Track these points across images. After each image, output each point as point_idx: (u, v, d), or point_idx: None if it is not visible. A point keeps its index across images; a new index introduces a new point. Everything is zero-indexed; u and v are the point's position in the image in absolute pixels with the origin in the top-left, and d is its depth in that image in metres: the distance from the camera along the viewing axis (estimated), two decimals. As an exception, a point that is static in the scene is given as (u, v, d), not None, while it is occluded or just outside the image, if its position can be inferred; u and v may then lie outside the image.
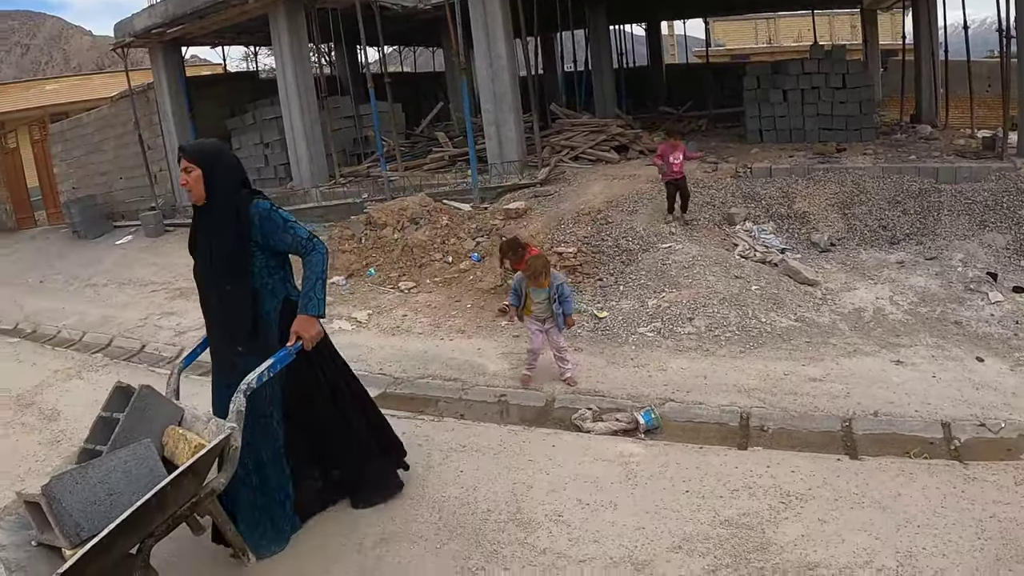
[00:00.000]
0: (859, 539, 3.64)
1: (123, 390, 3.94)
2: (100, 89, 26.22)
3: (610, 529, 3.88)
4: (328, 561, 3.90)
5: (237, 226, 3.83)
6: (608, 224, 8.84)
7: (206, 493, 3.48)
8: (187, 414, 3.87)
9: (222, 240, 3.86)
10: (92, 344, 9.43)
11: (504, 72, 11.02)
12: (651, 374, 5.90)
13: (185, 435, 3.68)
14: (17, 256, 18.09)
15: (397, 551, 3.91)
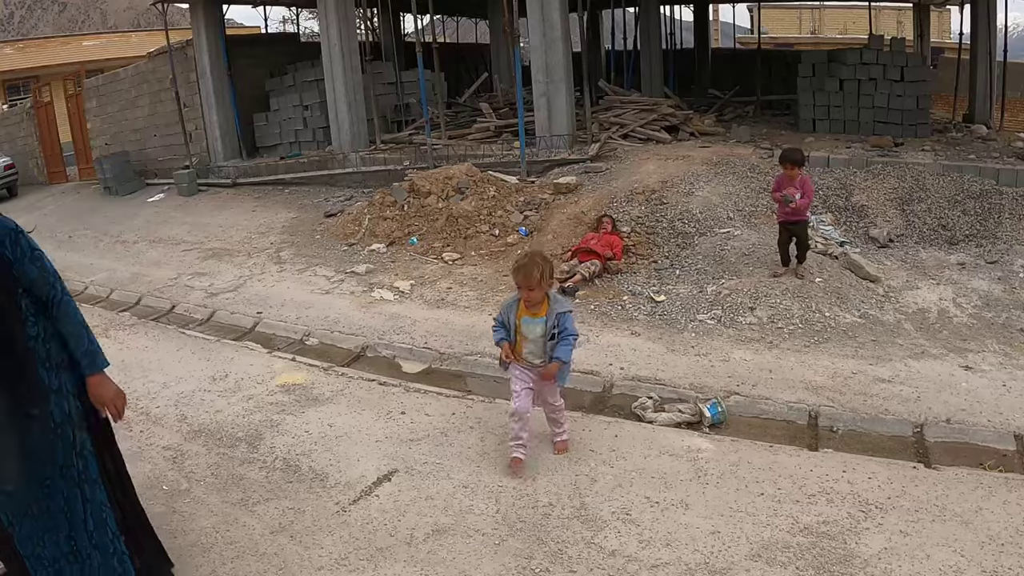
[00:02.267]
0: (943, 555, 3.41)
1: None
2: (138, 47, 26.14)
3: (683, 532, 3.60)
4: (376, 552, 3.64)
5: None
6: (663, 205, 8.55)
7: None
8: None
9: None
10: (119, 302, 9.26)
11: (558, 42, 10.71)
12: (713, 364, 5.63)
13: None
14: (48, 211, 18.02)
15: (451, 545, 3.64)
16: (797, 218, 6.81)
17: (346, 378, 5.94)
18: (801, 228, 6.88)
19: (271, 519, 3.98)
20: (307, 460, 4.62)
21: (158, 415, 5.51)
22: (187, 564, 3.63)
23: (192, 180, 15.68)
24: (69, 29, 44.93)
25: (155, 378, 6.31)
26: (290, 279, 9.03)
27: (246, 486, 4.35)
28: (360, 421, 5.12)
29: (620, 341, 6.15)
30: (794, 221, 6.83)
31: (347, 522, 3.90)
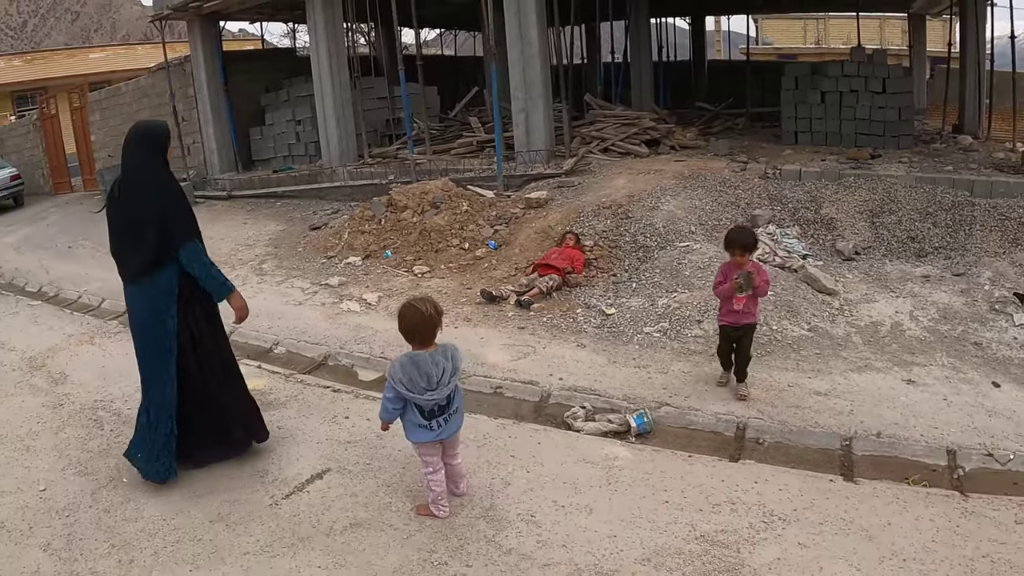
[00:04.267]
0: (837, 568, 3.51)
1: None
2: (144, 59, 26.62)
3: (581, 535, 3.79)
4: (297, 541, 3.96)
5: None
6: (628, 219, 8.72)
7: None
8: None
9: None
10: (109, 311, 9.53)
11: (535, 60, 10.92)
12: (651, 376, 5.79)
13: None
14: (51, 221, 18.39)
15: (364, 538, 3.94)
16: (747, 321, 5.37)
17: (303, 384, 6.25)
18: (748, 334, 5.43)
19: (212, 510, 4.34)
20: (252, 459, 4.91)
21: (128, 416, 5.72)
22: (134, 547, 4.07)
23: (189, 192, 15.97)
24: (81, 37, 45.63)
25: (130, 383, 6.34)
26: (268, 291, 9.28)
27: (194, 481, 4.67)
28: (306, 424, 5.44)
29: (565, 353, 6.32)
30: (742, 325, 5.37)
31: (277, 514, 4.24)
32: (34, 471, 5.20)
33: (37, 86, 30.93)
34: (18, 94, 32.66)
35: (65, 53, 33.27)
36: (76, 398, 6.43)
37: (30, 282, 12.12)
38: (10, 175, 23.26)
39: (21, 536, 4.39)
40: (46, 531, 4.39)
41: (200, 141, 16.89)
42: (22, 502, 4.78)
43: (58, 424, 5.91)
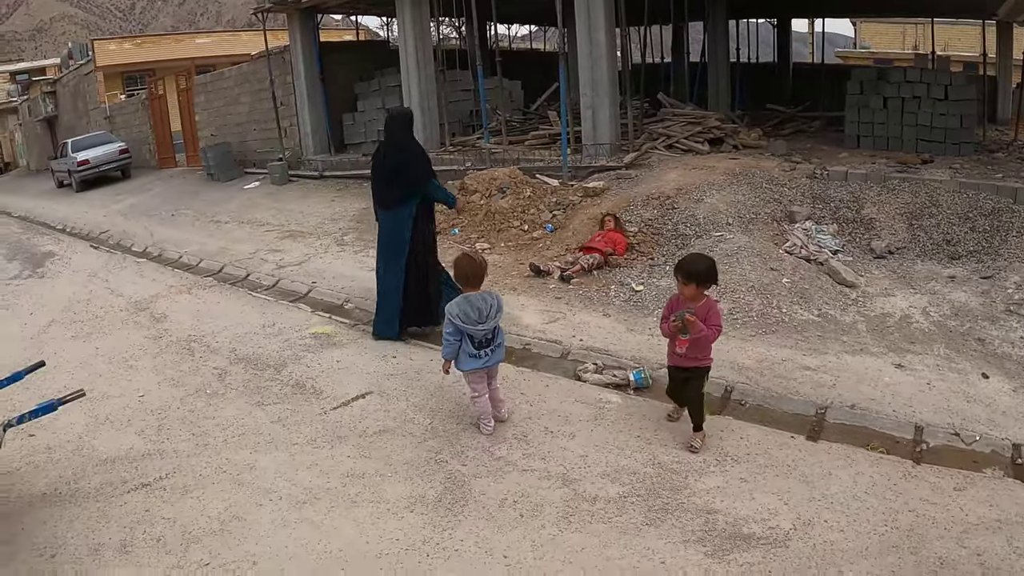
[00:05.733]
0: (767, 500, 4.11)
1: None
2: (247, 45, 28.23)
3: (559, 453, 4.69)
4: (336, 439, 5.15)
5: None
6: (673, 210, 9.43)
7: None
8: None
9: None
10: (205, 269, 10.89)
11: (602, 60, 11.67)
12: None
13: None
14: (155, 192, 20.14)
15: (389, 441, 5.06)
16: (693, 363, 4.81)
17: (363, 333, 7.40)
18: (695, 378, 4.83)
19: (273, 415, 5.64)
20: (312, 382, 6.24)
21: (216, 346, 7.34)
22: (208, 436, 5.38)
23: (284, 171, 17.34)
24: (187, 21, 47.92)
25: (220, 323, 8.10)
26: (346, 258, 10.45)
27: (264, 394, 6.05)
28: (361, 360, 6.66)
29: (591, 320, 7.15)
30: (687, 367, 4.83)
31: (324, 420, 5.50)
32: (135, 383, 6.67)
33: (146, 68, 33.09)
34: (128, 75, 34.83)
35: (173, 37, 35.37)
36: (173, 333, 7.84)
37: (136, 243, 13.66)
38: (119, 149, 25.41)
39: (122, 425, 5.81)
40: (141, 423, 5.79)
41: (296, 124, 18.22)
42: (124, 403, 6.22)
43: (157, 351, 7.36)
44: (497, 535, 4.02)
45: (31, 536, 4.56)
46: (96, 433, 5.78)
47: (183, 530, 4.39)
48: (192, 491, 4.80)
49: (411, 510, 4.28)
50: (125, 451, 5.41)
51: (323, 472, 4.82)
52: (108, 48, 33.44)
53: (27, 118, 44.75)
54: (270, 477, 4.83)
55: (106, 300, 9.97)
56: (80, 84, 35.14)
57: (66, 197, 24.27)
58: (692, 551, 3.77)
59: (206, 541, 4.26)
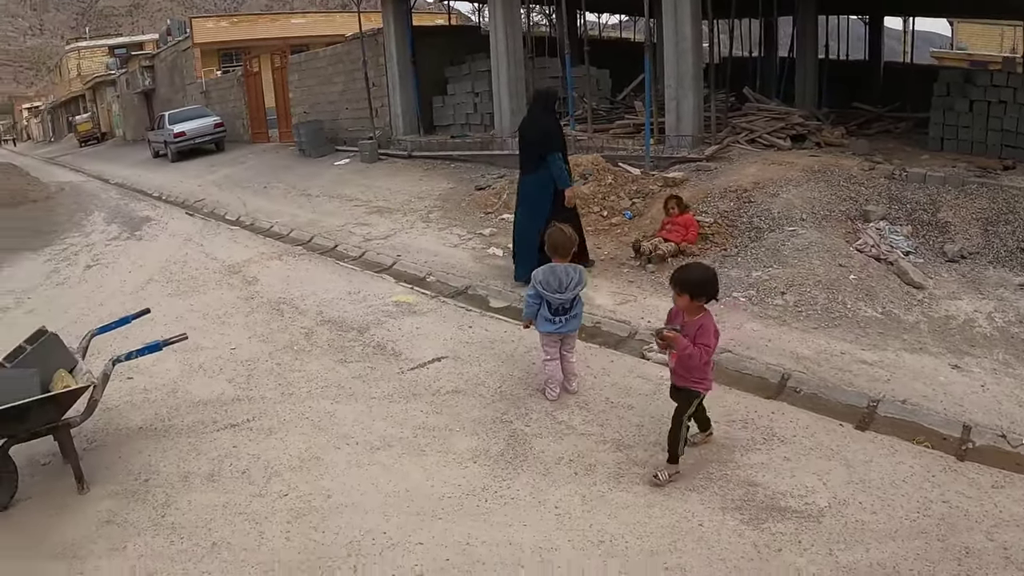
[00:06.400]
0: (807, 479, 4.32)
1: (40, 332, 5.51)
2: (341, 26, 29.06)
3: (616, 421, 5.05)
4: (410, 395, 5.69)
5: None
6: (749, 203, 9.59)
7: (64, 423, 4.89)
8: (80, 365, 5.36)
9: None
10: (295, 239, 11.56)
11: (688, 53, 11.81)
12: (725, 329, 6.58)
13: (65, 378, 5.16)
14: (249, 165, 21.04)
15: (460, 400, 5.55)
16: (681, 382, 4.56)
17: (443, 303, 7.95)
18: (681, 400, 4.54)
19: (355, 371, 6.22)
20: (392, 344, 6.82)
21: (304, 308, 8.04)
22: (293, 386, 5.99)
23: (374, 150, 17.92)
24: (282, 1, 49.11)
25: (308, 289, 8.78)
26: (430, 234, 10.92)
27: (347, 353, 6.64)
28: (439, 328, 7.19)
29: (660, 304, 7.38)
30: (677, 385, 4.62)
31: (401, 379, 6.07)
32: (227, 337, 7.38)
33: (242, 46, 34.20)
34: (224, 52, 36.24)
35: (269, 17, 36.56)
36: (263, 295, 8.52)
37: (229, 212, 14.45)
38: (214, 123, 26.52)
39: (214, 373, 6.49)
40: (232, 372, 6.46)
41: (387, 105, 18.80)
42: (217, 355, 6.92)
43: (248, 310, 8.07)
44: (551, 488, 4.40)
45: (127, 463, 5.21)
46: (190, 379, 6.47)
47: (266, 465, 4.96)
48: (276, 433, 5.37)
49: (474, 461, 4.69)
50: (216, 395, 6.08)
51: (397, 423, 5.31)
52: (205, 26, 34.79)
53: (125, 90, 46.76)
54: (348, 425, 5.35)
55: (201, 262, 10.68)
56: (177, 59, 36.61)
57: (162, 167, 25.49)
58: (729, 517, 4.06)
59: (286, 476, 4.81)
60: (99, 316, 7.84)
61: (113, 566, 4.17)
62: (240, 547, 4.18)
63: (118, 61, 51.39)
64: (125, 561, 4.19)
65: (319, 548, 4.10)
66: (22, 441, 4.82)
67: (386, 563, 3.93)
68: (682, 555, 3.79)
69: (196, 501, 4.67)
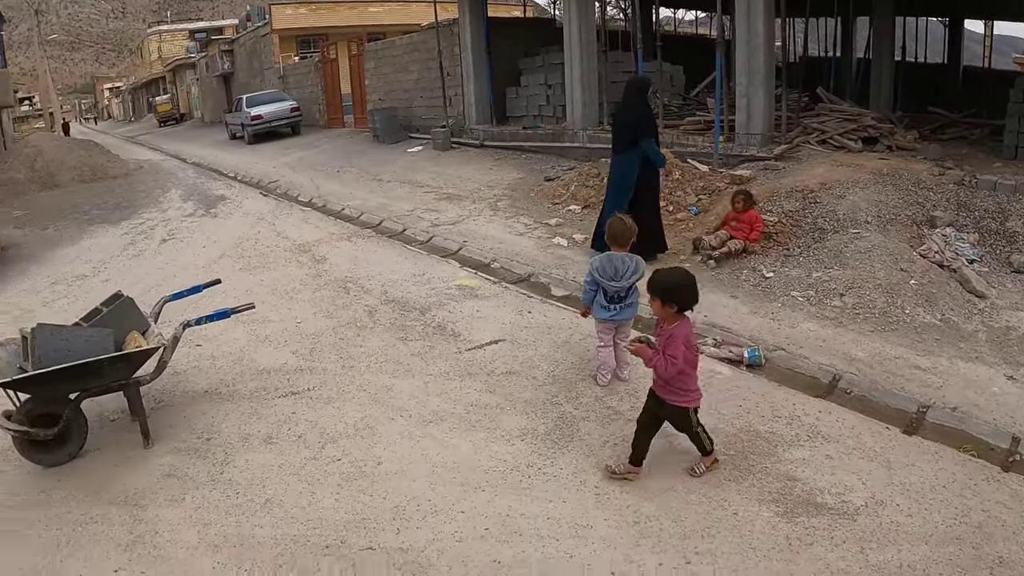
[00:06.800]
0: (847, 478, 4.37)
1: (116, 295, 5.92)
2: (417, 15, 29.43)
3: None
4: (466, 374, 5.94)
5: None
6: (815, 203, 9.54)
7: (134, 380, 5.27)
8: (152, 328, 5.74)
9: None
10: (365, 222, 11.92)
11: (759, 50, 11.76)
12: (780, 327, 6.80)
13: (137, 339, 5.54)
14: (323, 149, 21.58)
15: (513, 381, 5.82)
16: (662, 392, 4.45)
17: (505, 289, 8.19)
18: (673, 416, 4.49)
19: (414, 349, 6.50)
20: (452, 326, 7.09)
21: (369, 288, 8.39)
22: (354, 360, 6.32)
23: (446, 138, 18.21)
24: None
25: (375, 269, 9.15)
26: (497, 222, 11.16)
27: (408, 332, 6.94)
28: (499, 312, 7.42)
29: (717, 299, 7.50)
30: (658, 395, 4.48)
31: (458, 358, 6.35)
32: (294, 311, 7.77)
33: (319, 32, 35.20)
34: (302, 38, 37.11)
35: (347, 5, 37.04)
36: (331, 273, 8.89)
37: (302, 194, 14.90)
38: (290, 107, 27.19)
39: (279, 345, 6.88)
40: (296, 344, 6.84)
41: (461, 94, 19.07)
42: (283, 327, 7.32)
43: (315, 287, 8.46)
44: (593, 469, 4.58)
45: (191, 423, 5.62)
46: (255, 348, 6.86)
47: (322, 432, 5.29)
48: (334, 402, 5.71)
49: (522, 439, 4.89)
50: (280, 365, 6.45)
51: (450, 400, 5.55)
52: (284, 12, 35.57)
53: (204, 73, 48.20)
54: (403, 398, 5.63)
55: (272, 240, 11.09)
56: (256, 44, 37.59)
57: (238, 148, 26.27)
58: (765, 509, 4.16)
59: (340, 442, 5.12)
60: (171, 287, 8.21)
61: (171, 515, 4.52)
62: (291, 505, 4.50)
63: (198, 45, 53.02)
64: (183, 511, 4.54)
65: (366, 510, 4.38)
66: (94, 395, 5.21)
67: (428, 528, 4.17)
68: (714, 541, 3.92)
69: (253, 460, 5.01)
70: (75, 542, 4.37)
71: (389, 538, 4.11)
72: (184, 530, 4.36)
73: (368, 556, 3.99)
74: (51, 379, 4.86)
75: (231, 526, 4.35)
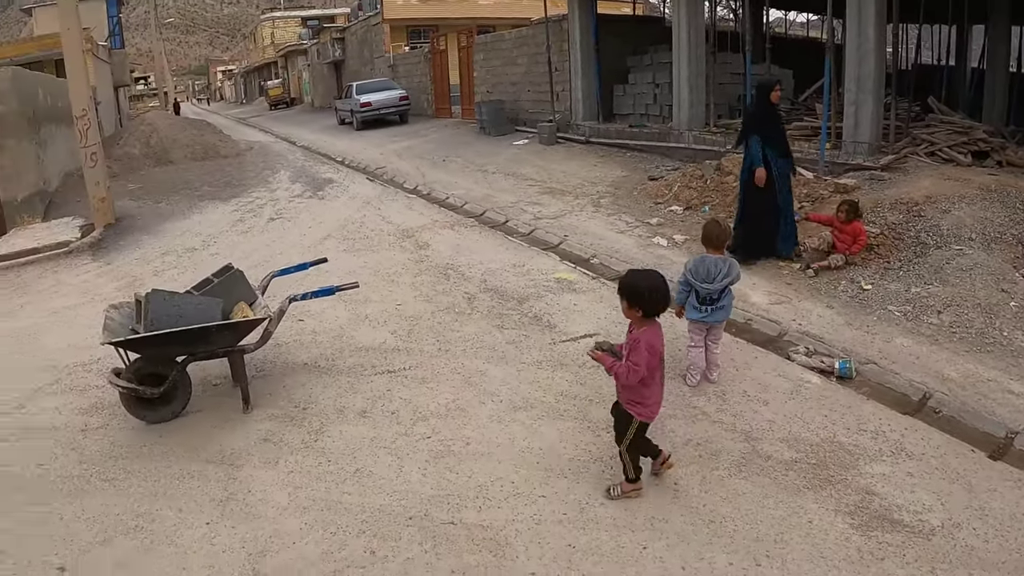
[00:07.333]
0: (926, 497, 4.37)
1: (227, 267, 6.29)
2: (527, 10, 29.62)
3: (749, 415, 5.32)
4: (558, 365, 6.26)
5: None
6: (919, 217, 9.36)
7: (239, 348, 5.63)
8: (259, 301, 6.09)
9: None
10: (468, 212, 12.25)
11: (870, 56, 11.53)
12: (874, 341, 6.73)
13: (245, 309, 5.88)
14: (430, 139, 22.04)
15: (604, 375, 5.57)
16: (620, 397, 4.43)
17: (602, 284, 8.36)
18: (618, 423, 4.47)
19: (509, 337, 6.76)
20: (548, 317, 7.32)
21: (469, 276, 8.70)
22: (449, 343, 6.64)
23: (552, 132, 18.40)
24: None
25: (476, 258, 9.44)
26: (599, 219, 11.28)
27: (504, 320, 7.19)
28: (594, 307, 7.60)
29: (813, 308, 7.47)
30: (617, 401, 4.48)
31: (551, 349, 6.58)
32: (394, 294, 8.15)
33: (430, 23, 35.91)
34: (412, 28, 37.85)
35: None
36: (432, 260, 9.27)
37: (408, 181, 15.32)
38: (399, 95, 27.79)
39: (378, 325, 7.28)
40: (395, 325, 7.21)
41: (568, 90, 19.22)
42: (383, 308, 7.73)
43: (416, 272, 8.84)
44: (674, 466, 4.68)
45: (290, 393, 6.04)
46: (356, 327, 7.29)
47: (414, 409, 5.62)
48: (428, 382, 6.03)
49: (608, 431, 5.02)
50: (378, 344, 6.83)
51: (541, 388, 5.78)
52: (396, 3, 36.32)
53: (315, 60, 49.60)
54: (495, 384, 5.89)
55: (376, 224, 11.51)
56: (367, 33, 38.50)
57: (346, 134, 27.02)
58: (840, 520, 4.22)
59: (431, 421, 5.44)
60: (277, 264, 8.69)
61: (264, 476, 4.90)
62: (380, 476, 4.83)
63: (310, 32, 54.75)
64: (275, 474, 4.92)
65: (450, 487, 4.66)
66: (200, 360, 5.66)
67: (508, 508, 4.41)
68: (785, 547, 4.01)
69: (347, 432, 5.37)
70: (171, 494, 4.80)
71: (470, 515, 4.36)
72: (275, 491, 4.72)
73: (449, 530, 4.26)
74: (162, 341, 5.28)
75: (320, 491, 4.69)
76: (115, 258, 11.22)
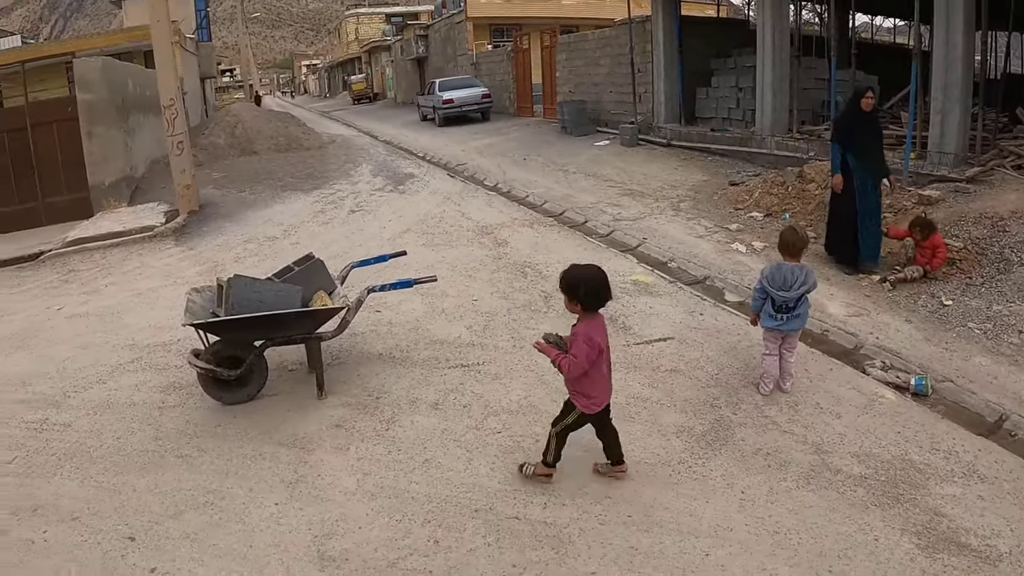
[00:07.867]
0: (995, 522, 4.28)
1: (308, 256, 6.48)
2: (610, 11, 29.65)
3: (821, 427, 5.30)
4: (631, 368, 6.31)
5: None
6: (1003, 232, 9.12)
7: (316, 335, 5.80)
8: (338, 290, 6.25)
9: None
10: (548, 211, 12.36)
11: (957, 64, 11.23)
12: (951, 359, 6.61)
13: (324, 298, 6.04)
14: (511, 137, 22.16)
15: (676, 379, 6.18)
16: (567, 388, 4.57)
17: (679, 289, 8.38)
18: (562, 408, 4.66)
19: None
20: (624, 319, 7.38)
21: (546, 274, 8.78)
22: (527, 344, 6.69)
23: (634, 134, 18.39)
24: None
25: (553, 256, 9.52)
26: (678, 223, 11.25)
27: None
28: (671, 311, 7.64)
29: (891, 322, 7.36)
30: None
31: (625, 351, 6.61)
32: (471, 289, 8.31)
33: (513, 22, 36.34)
34: (495, 27, 38.32)
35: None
36: (510, 256, 9.41)
37: (488, 178, 15.46)
38: (482, 93, 28.05)
39: (454, 319, 7.46)
40: (471, 320, 7.39)
41: (650, 92, 19.12)
42: (459, 303, 7.88)
43: (494, 268, 9.00)
44: (742, 474, 4.76)
45: (364, 381, 6.26)
46: (431, 320, 7.48)
47: (486, 404, 5.76)
48: (501, 378, 6.18)
49: (677, 436, 5.12)
50: (453, 338, 7.00)
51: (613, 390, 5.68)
52: (479, 1, 36.75)
53: (398, 56, 50.31)
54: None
55: (456, 220, 11.69)
56: (450, 31, 38.91)
57: (428, 130, 27.36)
58: (906, 539, 4.19)
59: (502, 416, 5.58)
60: (356, 255, 8.86)
61: (334, 461, 5.11)
62: (448, 467, 4.99)
63: (393, 28, 55.78)
64: (346, 460, 5.12)
65: (517, 482, 4.78)
66: (277, 345, 5.88)
67: (575, 507, 4.51)
68: (849, 563, 4.01)
69: (418, 423, 5.56)
70: (242, 473, 5.04)
71: (535, 511, 4.48)
72: (344, 476, 4.92)
73: (513, 524, 4.38)
74: (242, 325, 5.52)
75: (389, 479, 4.87)
76: (197, 243, 11.64)
